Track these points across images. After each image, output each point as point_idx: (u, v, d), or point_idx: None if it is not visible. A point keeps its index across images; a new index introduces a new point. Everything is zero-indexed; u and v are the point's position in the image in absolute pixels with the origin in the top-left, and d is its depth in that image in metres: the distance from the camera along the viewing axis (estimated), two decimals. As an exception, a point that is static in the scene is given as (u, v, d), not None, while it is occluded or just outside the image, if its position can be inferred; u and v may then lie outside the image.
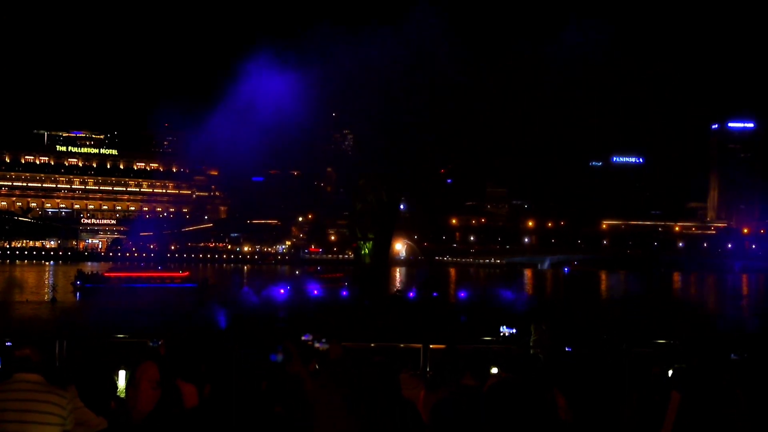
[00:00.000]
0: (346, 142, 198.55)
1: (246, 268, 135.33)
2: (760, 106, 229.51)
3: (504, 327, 18.94)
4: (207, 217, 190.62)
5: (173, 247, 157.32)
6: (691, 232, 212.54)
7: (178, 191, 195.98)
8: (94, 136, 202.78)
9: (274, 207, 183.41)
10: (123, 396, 7.35)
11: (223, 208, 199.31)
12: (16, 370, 5.20)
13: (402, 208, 71.23)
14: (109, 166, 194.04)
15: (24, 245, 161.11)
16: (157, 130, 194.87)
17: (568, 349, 10.40)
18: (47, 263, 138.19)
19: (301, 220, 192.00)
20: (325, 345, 8.93)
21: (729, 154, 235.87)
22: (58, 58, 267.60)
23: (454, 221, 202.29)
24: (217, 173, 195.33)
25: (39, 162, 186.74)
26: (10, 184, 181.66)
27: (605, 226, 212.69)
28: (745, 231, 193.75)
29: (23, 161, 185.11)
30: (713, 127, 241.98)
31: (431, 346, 10.42)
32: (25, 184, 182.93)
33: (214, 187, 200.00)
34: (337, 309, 42.39)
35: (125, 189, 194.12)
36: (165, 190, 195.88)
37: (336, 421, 4.88)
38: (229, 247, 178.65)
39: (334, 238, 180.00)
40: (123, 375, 9.31)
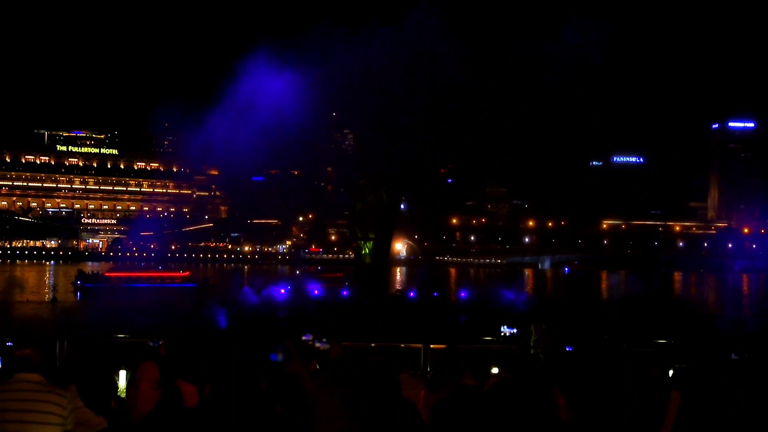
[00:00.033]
0: (347, 142, 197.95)
1: (246, 267, 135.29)
2: (761, 106, 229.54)
3: (505, 327, 18.97)
4: (207, 216, 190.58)
5: (174, 246, 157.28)
6: (692, 232, 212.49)
7: (178, 191, 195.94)
8: (94, 135, 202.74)
9: (275, 207, 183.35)
10: (123, 396, 7.35)
11: (223, 208, 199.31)
12: (16, 369, 5.21)
13: (402, 208, 71.22)
14: (109, 166, 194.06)
15: (24, 245, 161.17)
16: (157, 129, 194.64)
17: (569, 349, 10.41)
18: (48, 263, 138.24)
19: (301, 219, 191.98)
20: (325, 345, 8.93)
21: (729, 153, 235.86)
22: (58, 58, 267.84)
23: (455, 221, 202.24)
24: (217, 173, 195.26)
25: (39, 162, 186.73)
26: (11, 183, 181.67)
27: (605, 226, 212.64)
28: (745, 231, 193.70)
29: (24, 161, 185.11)
30: (713, 126, 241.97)
31: (431, 346, 10.43)
32: (25, 184, 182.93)
33: (214, 186, 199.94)
34: (338, 309, 42.40)
35: (126, 189, 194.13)
36: (165, 190, 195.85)
37: (336, 421, 4.88)
38: (230, 246, 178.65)
39: (334, 237, 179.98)
40: (123, 375, 9.31)
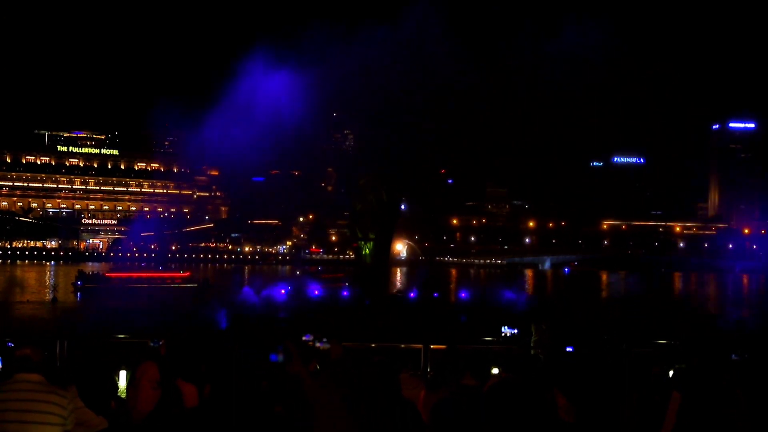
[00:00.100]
0: (347, 143, 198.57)
1: (247, 268, 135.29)
2: (761, 106, 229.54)
3: (505, 327, 18.97)
4: (208, 217, 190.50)
5: (174, 247, 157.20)
6: (692, 233, 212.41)
7: (178, 191, 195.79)
8: (95, 136, 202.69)
9: (275, 207, 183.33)
10: (123, 396, 7.35)
11: (223, 209, 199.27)
12: (16, 370, 5.21)
13: (402, 208, 71.26)
14: (110, 167, 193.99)
15: (25, 245, 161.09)
16: (157, 130, 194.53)
17: (570, 349, 10.41)
18: (48, 263, 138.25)
19: (301, 220, 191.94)
20: (325, 345, 8.94)
21: (730, 154, 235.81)
22: (59, 58, 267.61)
23: (455, 221, 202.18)
24: (217, 173, 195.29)
25: (40, 162, 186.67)
26: (11, 184, 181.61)
27: (606, 227, 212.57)
28: (745, 231, 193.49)
29: (24, 161, 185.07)
30: (714, 127, 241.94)
31: (432, 347, 10.42)
32: (26, 184, 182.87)
33: (214, 187, 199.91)
34: (338, 309, 42.41)
35: (126, 189, 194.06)
36: (166, 191, 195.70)
37: (336, 421, 4.88)
38: (230, 247, 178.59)
39: (334, 238, 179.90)
40: (123, 375, 9.31)
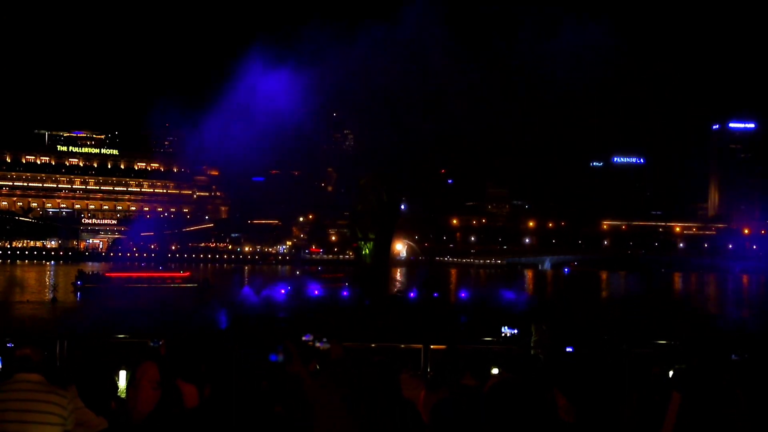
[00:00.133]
0: (347, 142, 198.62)
1: (247, 268, 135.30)
2: (761, 106, 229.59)
3: (505, 327, 18.97)
4: (208, 217, 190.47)
5: (174, 247, 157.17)
6: (692, 233, 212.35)
7: (178, 191, 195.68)
8: (94, 136, 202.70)
9: (275, 207, 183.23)
10: (123, 396, 7.34)
11: (223, 208, 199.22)
12: (16, 370, 5.21)
13: (402, 208, 71.29)
14: (109, 166, 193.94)
15: (25, 245, 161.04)
16: (157, 130, 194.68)
17: (570, 350, 10.40)
18: (48, 263, 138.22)
19: (301, 220, 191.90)
20: (325, 345, 8.93)
21: (730, 154, 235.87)
22: (59, 58, 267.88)
23: (455, 221, 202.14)
24: (217, 173, 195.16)
25: (40, 162, 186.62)
26: (11, 184, 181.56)
27: (606, 227, 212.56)
28: (745, 231, 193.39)
29: (24, 161, 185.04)
30: (714, 127, 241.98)
31: (432, 347, 10.41)
32: (25, 184, 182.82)
33: (214, 187, 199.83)
34: (338, 309, 42.44)
35: (126, 189, 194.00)
36: (166, 190, 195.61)
37: (336, 421, 4.88)
38: (230, 247, 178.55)
39: (334, 238, 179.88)
40: (123, 375, 9.31)
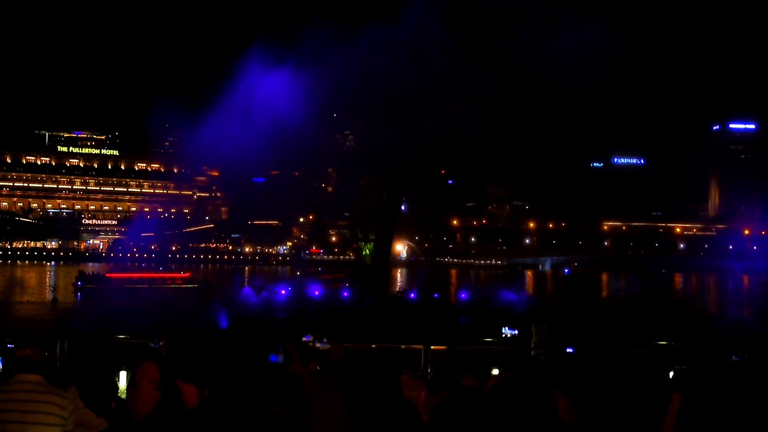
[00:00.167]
0: (347, 142, 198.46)
1: (247, 268, 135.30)
2: (761, 106, 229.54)
3: (506, 328, 19.01)
4: (208, 217, 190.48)
5: (174, 247, 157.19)
6: (692, 233, 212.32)
7: (179, 192, 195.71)
8: (95, 136, 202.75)
9: (275, 208, 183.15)
10: (124, 397, 7.34)
11: (224, 209, 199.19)
12: (17, 370, 5.21)
13: (403, 209, 71.31)
14: (110, 167, 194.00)
15: (25, 246, 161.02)
16: (157, 130, 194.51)
17: (570, 350, 10.40)
18: (48, 264, 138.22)
19: (302, 220, 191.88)
20: (325, 345, 8.93)
21: (730, 155, 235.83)
22: (59, 58, 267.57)
23: (455, 222, 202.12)
24: (218, 174, 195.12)
25: (40, 162, 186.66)
26: (12, 184, 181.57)
27: (606, 227, 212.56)
28: (745, 232, 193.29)
29: (24, 162, 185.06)
30: (714, 128, 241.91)
31: (432, 347, 10.41)
32: (26, 185, 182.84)
33: (215, 187, 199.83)
34: (338, 310, 42.43)
35: (126, 189, 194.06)
36: (166, 191, 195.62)
37: (336, 421, 4.88)
38: (230, 247, 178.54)
39: (335, 238, 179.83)
40: (124, 376, 9.30)
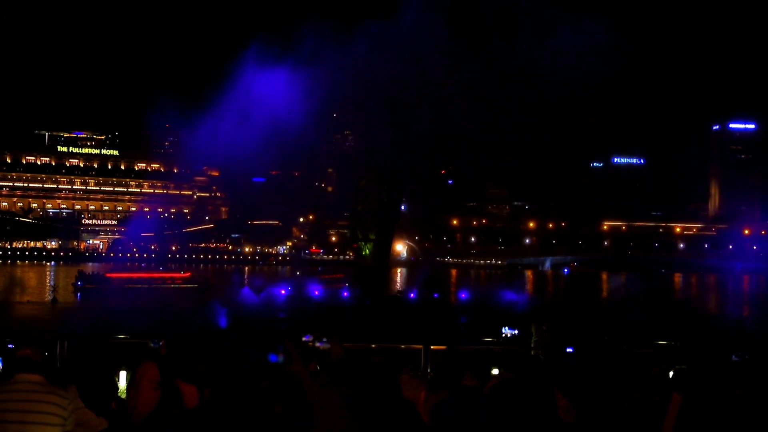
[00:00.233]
0: (347, 143, 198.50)
1: (247, 268, 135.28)
2: (761, 106, 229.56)
3: (506, 328, 19.00)
4: (208, 217, 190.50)
5: (174, 247, 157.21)
6: (692, 233, 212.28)
7: (179, 192, 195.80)
8: (95, 136, 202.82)
9: (275, 207, 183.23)
10: (124, 397, 7.34)
11: (224, 209, 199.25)
12: (17, 370, 5.20)
13: (402, 209, 71.34)
14: (110, 167, 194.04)
15: (25, 246, 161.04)
16: (158, 130, 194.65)
17: (570, 350, 10.39)
18: (48, 264, 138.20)
19: (302, 220, 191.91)
20: (325, 345, 8.93)
21: (730, 155, 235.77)
22: (59, 58, 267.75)
23: (455, 222, 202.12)
24: (218, 174, 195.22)
25: (40, 162, 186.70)
26: (11, 184, 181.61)
27: (606, 227, 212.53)
28: (746, 232, 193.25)
29: (24, 162, 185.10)
30: (714, 128, 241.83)
31: (432, 347, 10.41)
32: (26, 185, 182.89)
33: (215, 187, 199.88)
34: (338, 310, 42.45)
35: (126, 189, 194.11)
36: (166, 191, 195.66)
37: (336, 421, 4.88)
38: (230, 247, 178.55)
39: (335, 238, 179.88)
40: (124, 376, 9.30)
